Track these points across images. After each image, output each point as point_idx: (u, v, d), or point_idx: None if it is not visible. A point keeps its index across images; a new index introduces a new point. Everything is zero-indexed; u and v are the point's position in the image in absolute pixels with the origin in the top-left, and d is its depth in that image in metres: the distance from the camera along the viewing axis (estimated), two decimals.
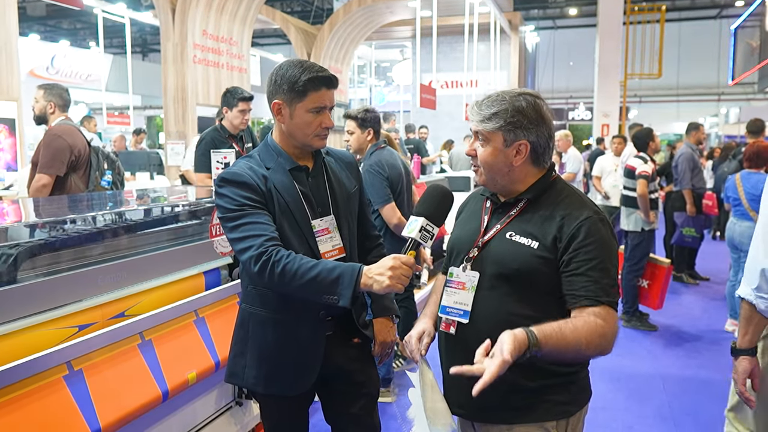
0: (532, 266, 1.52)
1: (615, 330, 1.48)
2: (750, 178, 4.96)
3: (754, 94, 23.69)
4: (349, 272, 1.64)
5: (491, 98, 1.59)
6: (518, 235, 1.56)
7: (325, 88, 1.83)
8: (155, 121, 23.39)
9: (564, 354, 1.42)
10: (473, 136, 1.64)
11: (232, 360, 1.99)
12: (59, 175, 3.72)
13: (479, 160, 1.61)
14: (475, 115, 1.59)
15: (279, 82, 1.84)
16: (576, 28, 25.42)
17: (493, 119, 1.56)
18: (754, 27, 15.53)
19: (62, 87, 4.03)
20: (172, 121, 9.32)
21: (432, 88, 11.26)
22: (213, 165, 3.63)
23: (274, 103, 1.86)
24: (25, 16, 18.34)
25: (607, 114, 16.22)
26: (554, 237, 1.52)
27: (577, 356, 1.47)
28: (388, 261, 1.61)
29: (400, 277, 1.59)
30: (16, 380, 1.84)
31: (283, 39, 19.36)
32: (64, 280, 2.24)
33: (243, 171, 1.84)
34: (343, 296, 1.63)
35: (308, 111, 1.83)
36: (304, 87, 1.80)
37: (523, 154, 1.57)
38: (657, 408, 3.74)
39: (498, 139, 1.57)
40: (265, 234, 1.73)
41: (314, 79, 1.81)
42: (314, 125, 1.84)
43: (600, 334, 1.44)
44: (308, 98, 1.82)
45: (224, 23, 10.05)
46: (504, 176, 1.60)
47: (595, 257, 1.49)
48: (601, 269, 1.49)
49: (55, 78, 14.39)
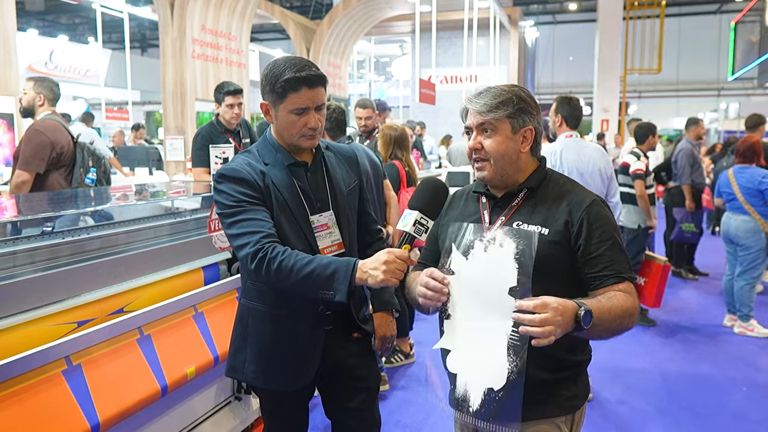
0: (546, 252, 1.51)
1: (638, 305, 1.54)
2: (743, 172, 4.98)
3: (753, 90, 23.67)
4: (344, 267, 1.65)
5: (491, 91, 1.60)
6: (526, 224, 1.56)
7: (305, 87, 1.78)
8: (154, 116, 23.36)
9: (606, 329, 1.45)
10: (475, 131, 1.62)
11: (233, 355, 1.99)
12: (39, 173, 3.58)
13: (487, 151, 1.60)
14: (479, 107, 1.59)
15: (264, 83, 1.84)
16: (576, 23, 25.38)
17: (501, 108, 1.58)
18: (753, 22, 15.51)
19: (53, 81, 3.92)
20: (171, 116, 9.30)
21: (431, 84, 11.24)
22: (212, 160, 3.63)
23: (261, 104, 1.87)
24: (24, 11, 18.30)
25: (607, 109, 16.23)
26: (565, 221, 1.55)
27: (614, 330, 1.49)
28: (383, 255, 1.61)
29: (395, 271, 1.59)
30: (14, 375, 1.84)
31: (282, 34, 19.35)
32: (62, 275, 2.24)
33: (241, 167, 1.83)
34: (339, 291, 1.64)
35: (290, 112, 1.80)
36: (282, 89, 1.78)
37: (529, 141, 1.61)
38: (655, 402, 3.75)
39: (506, 127, 1.59)
40: (262, 231, 1.73)
41: (291, 80, 1.76)
42: (298, 126, 1.82)
43: (631, 305, 1.50)
44: (288, 100, 1.79)
45: (223, 18, 10.02)
46: (512, 165, 1.61)
47: (609, 237, 1.54)
48: (617, 248, 1.55)
49: (53, 73, 14.36)
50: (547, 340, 1.34)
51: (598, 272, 1.52)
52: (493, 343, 1.46)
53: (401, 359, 4.29)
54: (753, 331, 4.96)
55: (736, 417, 3.57)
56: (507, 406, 1.44)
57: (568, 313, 1.37)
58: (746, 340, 4.91)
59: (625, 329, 1.51)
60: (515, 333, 1.42)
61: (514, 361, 1.42)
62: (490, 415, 1.46)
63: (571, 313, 1.37)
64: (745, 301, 5.00)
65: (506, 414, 1.44)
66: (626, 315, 1.48)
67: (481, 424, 1.49)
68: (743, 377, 4.15)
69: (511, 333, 1.43)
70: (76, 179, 3.72)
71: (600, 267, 1.53)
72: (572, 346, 1.59)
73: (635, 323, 1.54)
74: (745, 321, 5.02)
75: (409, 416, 3.51)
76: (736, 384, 4.04)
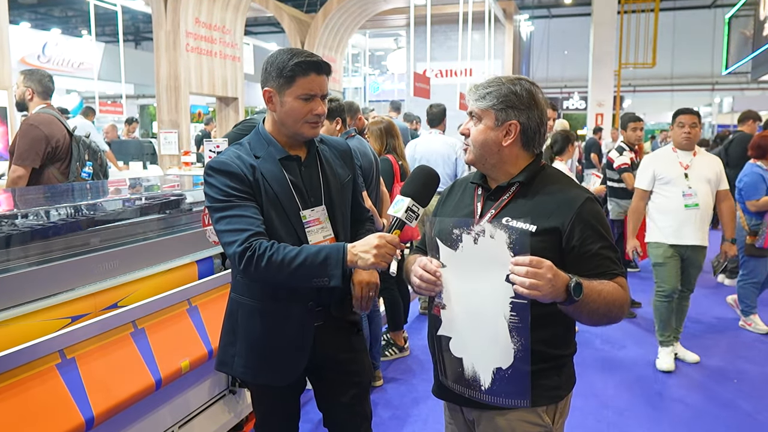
0: (531, 248, 1.51)
1: (629, 298, 1.58)
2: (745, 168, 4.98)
3: (747, 84, 23.73)
4: (335, 252, 1.67)
5: (489, 81, 1.64)
6: (515, 220, 1.56)
7: (314, 73, 1.79)
8: (148, 110, 23.26)
9: (594, 311, 1.48)
10: (468, 117, 1.68)
11: (222, 349, 1.99)
12: (35, 167, 3.55)
13: (471, 138, 1.65)
14: (472, 95, 1.65)
15: (269, 70, 1.82)
16: (571, 17, 25.37)
17: (486, 98, 1.61)
18: (747, 16, 15.53)
19: (44, 74, 3.86)
20: (165, 109, 9.27)
21: (426, 77, 11.22)
22: (205, 154, 3.62)
23: (264, 91, 1.85)
24: (16, 4, 18.17)
25: (602, 103, 16.24)
26: (554, 218, 1.56)
27: (603, 315, 1.51)
28: (373, 239, 1.64)
29: (385, 255, 1.63)
30: (7, 369, 1.84)
31: (276, 27, 19.25)
32: (55, 269, 2.24)
33: (231, 160, 1.82)
34: (334, 276, 1.66)
35: (297, 98, 1.80)
36: (292, 72, 1.78)
37: (513, 135, 1.61)
38: (647, 396, 3.78)
39: (490, 118, 1.61)
40: (250, 229, 1.72)
41: (302, 63, 1.77)
42: (304, 112, 1.81)
43: (622, 296, 1.54)
44: (296, 84, 1.79)
45: (217, 11, 9.98)
46: (493, 155, 1.63)
47: (600, 235, 1.57)
48: (608, 245, 1.58)
49: (46, 66, 14.25)
50: (529, 291, 1.36)
51: (591, 270, 1.54)
52: (493, 327, 1.49)
53: (395, 353, 4.30)
54: (751, 325, 5.00)
55: (727, 407, 3.60)
56: (517, 381, 1.49)
57: (560, 278, 1.39)
58: (740, 333, 4.96)
59: (614, 319, 1.54)
60: (514, 316, 1.45)
61: (519, 341, 1.47)
62: (503, 392, 1.51)
63: (562, 281, 1.40)
64: (743, 298, 5.04)
65: (517, 389, 1.50)
66: (616, 304, 1.51)
67: (493, 400, 1.54)
68: (735, 370, 4.18)
69: (511, 317, 1.46)
70: (72, 173, 3.69)
71: (593, 265, 1.55)
72: (553, 341, 1.61)
73: (623, 316, 1.58)
74: (746, 315, 5.07)
75: (404, 409, 3.53)
76: (728, 375, 4.07)
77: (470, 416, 1.71)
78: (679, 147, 4.13)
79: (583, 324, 1.57)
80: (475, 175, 1.74)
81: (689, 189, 4.02)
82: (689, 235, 4.07)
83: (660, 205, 4.16)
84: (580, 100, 23.71)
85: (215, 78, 9.98)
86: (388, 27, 19.43)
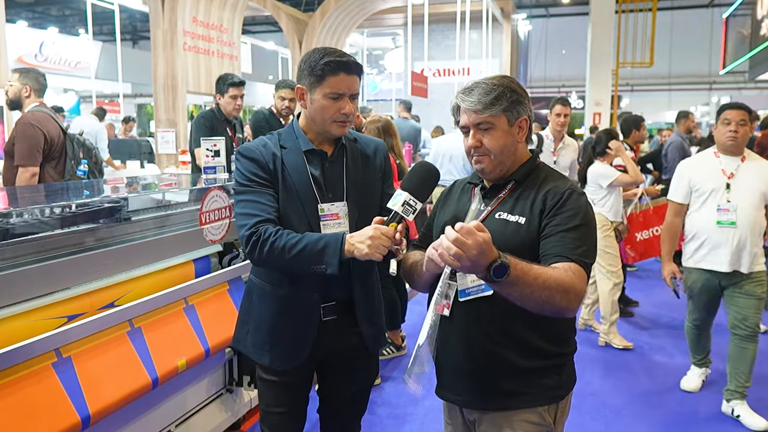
0: (520, 241, 1.55)
1: (581, 288, 1.46)
2: None
3: (745, 83, 23.76)
4: (333, 241, 1.71)
5: (481, 87, 1.60)
6: (507, 214, 1.61)
7: (344, 73, 1.81)
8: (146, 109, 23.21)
9: (528, 294, 1.38)
10: (473, 129, 1.62)
11: (238, 326, 2.04)
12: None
13: (487, 148, 1.62)
14: (473, 105, 1.59)
15: (302, 67, 1.87)
16: (568, 17, 25.38)
17: (496, 104, 1.59)
18: (745, 16, 15.56)
19: (39, 72, 3.89)
20: (162, 108, 9.26)
21: (424, 77, 11.23)
22: (203, 153, 3.61)
23: (297, 88, 1.89)
24: (13, 3, 18.13)
25: (599, 102, 16.23)
26: (540, 210, 1.58)
27: (542, 301, 1.40)
28: (369, 230, 1.67)
29: (379, 246, 1.65)
30: (3, 367, 1.84)
31: (274, 26, 19.23)
32: (52, 268, 2.23)
33: (256, 147, 1.89)
34: (331, 264, 1.70)
35: (326, 96, 1.82)
36: (322, 71, 1.81)
37: (525, 130, 1.65)
38: (645, 395, 3.78)
39: (503, 122, 1.61)
40: (260, 215, 1.78)
41: (332, 62, 1.80)
42: (332, 110, 1.84)
43: (569, 283, 1.42)
44: (326, 83, 1.81)
45: (215, 10, 9.96)
46: (511, 156, 1.65)
47: (570, 223, 1.53)
48: (575, 235, 1.52)
49: (43, 65, 14.20)
50: (442, 258, 1.31)
51: (546, 251, 1.51)
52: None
53: (393, 351, 4.30)
54: None
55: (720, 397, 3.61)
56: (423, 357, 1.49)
57: (488, 255, 1.31)
58: None
59: (558, 306, 1.41)
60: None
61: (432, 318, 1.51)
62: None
63: (490, 258, 1.32)
64: None
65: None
66: (559, 289, 1.40)
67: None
68: None
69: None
70: (68, 171, 3.71)
71: (549, 246, 1.51)
72: (554, 337, 1.62)
73: (574, 306, 1.45)
74: None
75: (401, 408, 3.53)
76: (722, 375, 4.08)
77: (471, 416, 1.71)
78: (724, 150, 3.34)
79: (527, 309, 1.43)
80: (473, 176, 1.77)
81: (727, 203, 3.27)
82: (724, 259, 3.29)
83: (690, 220, 3.47)
84: (578, 100, 23.71)
85: (212, 77, 9.91)
86: (386, 26, 19.43)
